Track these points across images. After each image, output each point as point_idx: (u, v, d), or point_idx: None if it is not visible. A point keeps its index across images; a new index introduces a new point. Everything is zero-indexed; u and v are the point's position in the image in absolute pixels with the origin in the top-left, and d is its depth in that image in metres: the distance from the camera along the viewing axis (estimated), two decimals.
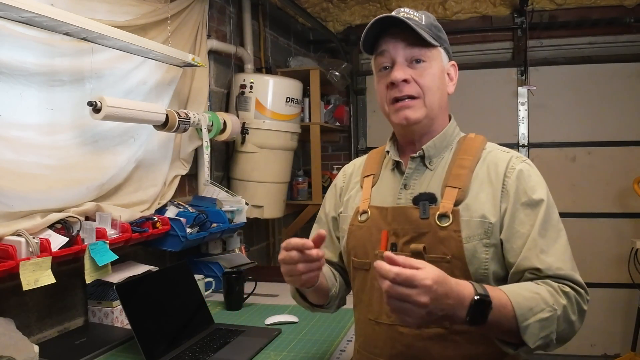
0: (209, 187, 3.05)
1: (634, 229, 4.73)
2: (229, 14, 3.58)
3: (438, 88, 1.53)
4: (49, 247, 1.88)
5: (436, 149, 1.56)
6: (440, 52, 1.54)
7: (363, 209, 1.60)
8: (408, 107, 1.50)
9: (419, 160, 1.56)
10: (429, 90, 1.50)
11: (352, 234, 1.62)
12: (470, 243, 1.41)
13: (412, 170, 1.56)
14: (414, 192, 1.52)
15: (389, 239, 1.49)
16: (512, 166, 1.48)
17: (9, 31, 1.88)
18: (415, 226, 1.46)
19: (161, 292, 2.21)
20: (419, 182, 1.54)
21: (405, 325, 1.37)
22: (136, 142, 2.52)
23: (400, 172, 1.59)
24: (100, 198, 2.30)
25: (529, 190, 1.43)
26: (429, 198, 1.47)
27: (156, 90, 2.64)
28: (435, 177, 1.52)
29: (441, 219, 1.43)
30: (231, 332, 2.23)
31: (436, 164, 1.55)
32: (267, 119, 3.48)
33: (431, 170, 1.54)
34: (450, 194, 1.45)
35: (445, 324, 1.39)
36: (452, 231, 1.41)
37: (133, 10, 2.49)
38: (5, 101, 1.90)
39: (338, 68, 4.49)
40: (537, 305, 1.27)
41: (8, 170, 1.88)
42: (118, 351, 2.06)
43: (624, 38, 4.73)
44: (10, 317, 1.84)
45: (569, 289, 1.34)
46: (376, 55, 1.55)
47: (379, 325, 1.52)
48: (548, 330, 1.28)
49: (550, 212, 1.43)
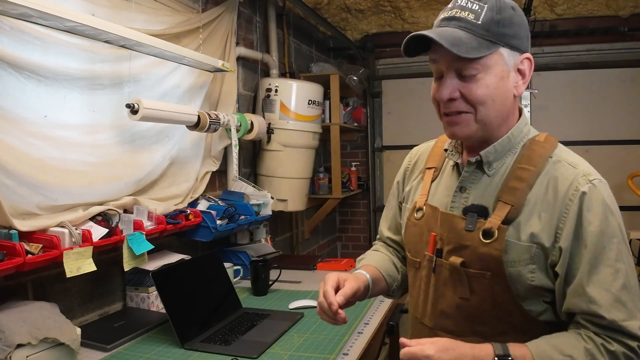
0: (237, 182, 3.02)
1: (629, 221, 4.67)
2: (256, 23, 3.54)
3: (495, 99, 1.23)
4: (90, 237, 1.86)
5: (497, 154, 1.30)
6: (502, 54, 1.22)
7: (420, 206, 1.42)
8: (456, 124, 1.26)
9: (476, 165, 1.32)
10: (481, 105, 1.22)
11: (408, 229, 1.48)
12: (515, 268, 1.20)
13: (469, 174, 1.33)
14: (468, 196, 1.31)
15: (436, 243, 1.35)
16: (576, 187, 1.20)
17: (54, 39, 1.87)
18: (459, 237, 1.28)
19: (193, 279, 2.19)
20: (475, 186, 1.31)
21: None
22: (170, 141, 2.50)
23: (459, 172, 1.37)
24: (137, 192, 2.29)
25: (585, 222, 1.17)
26: (479, 210, 1.26)
27: (189, 93, 2.62)
28: (492, 185, 1.28)
29: (485, 235, 1.23)
30: (257, 315, 2.21)
31: (496, 168, 1.30)
32: (290, 120, 3.44)
33: (489, 176, 1.30)
34: (501, 209, 1.23)
35: (486, 333, 1.25)
36: (494, 249, 1.21)
37: (168, 19, 2.47)
38: (51, 103, 1.89)
39: (356, 73, 4.45)
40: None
41: (53, 166, 1.88)
42: (154, 333, 2.04)
43: (619, 45, 4.75)
44: (54, 302, 1.82)
45: (616, 347, 1.12)
46: (430, 60, 1.28)
47: (423, 326, 1.40)
48: None
49: (606, 247, 1.17)
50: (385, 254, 1.65)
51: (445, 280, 1.31)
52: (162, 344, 1.94)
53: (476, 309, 1.26)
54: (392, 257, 1.65)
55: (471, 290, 1.26)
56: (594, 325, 1.14)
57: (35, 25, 1.76)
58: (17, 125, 1.75)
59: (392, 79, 5.30)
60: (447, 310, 1.32)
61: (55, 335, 1.62)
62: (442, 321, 1.33)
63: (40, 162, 1.83)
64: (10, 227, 1.66)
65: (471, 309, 1.27)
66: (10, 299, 1.74)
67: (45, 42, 1.83)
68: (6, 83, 1.72)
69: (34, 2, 1.58)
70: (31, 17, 1.68)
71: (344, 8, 4.77)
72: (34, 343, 1.55)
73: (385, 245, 1.71)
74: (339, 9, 4.78)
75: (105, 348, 1.87)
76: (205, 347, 1.89)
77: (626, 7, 4.50)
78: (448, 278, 1.30)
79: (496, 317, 1.25)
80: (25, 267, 1.63)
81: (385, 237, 1.69)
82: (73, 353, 1.68)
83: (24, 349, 1.53)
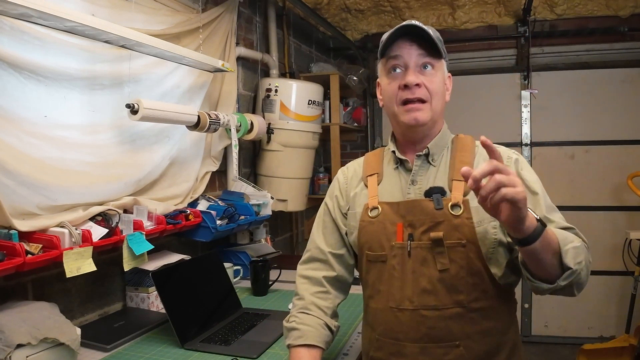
0: (237, 182, 3.02)
1: (628, 221, 4.70)
2: (256, 24, 3.54)
3: (440, 96, 1.54)
4: (90, 237, 1.86)
5: (437, 147, 1.58)
6: (443, 64, 1.57)
7: (373, 205, 1.57)
8: (418, 110, 1.50)
9: (424, 157, 1.57)
10: (435, 95, 1.51)
11: (364, 229, 1.57)
12: (482, 226, 1.45)
13: (418, 167, 1.57)
14: (422, 187, 1.54)
15: (404, 231, 1.50)
16: (509, 156, 1.54)
17: (54, 39, 1.87)
18: (432, 216, 1.47)
19: (193, 279, 2.19)
20: (425, 177, 1.56)
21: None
22: (170, 141, 2.50)
23: (405, 169, 1.59)
24: (137, 192, 2.29)
25: (525, 181, 1.48)
26: (440, 191, 1.49)
27: (189, 93, 2.62)
28: (440, 173, 1.55)
29: (453, 209, 1.46)
30: (257, 315, 2.22)
31: (438, 160, 1.57)
32: (290, 120, 3.44)
33: (434, 166, 1.56)
34: (458, 186, 1.48)
35: (464, 301, 1.45)
36: (465, 218, 1.45)
37: (168, 20, 2.47)
38: (51, 103, 1.89)
39: (356, 73, 4.44)
40: (569, 237, 1.34)
41: (53, 166, 1.88)
42: (154, 333, 2.04)
43: (618, 46, 4.73)
44: (54, 302, 1.81)
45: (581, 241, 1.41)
46: (388, 58, 1.53)
47: (402, 312, 1.48)
48: (580, 258, 1.31)
49: (543, 191, 1.50)
50: (318, 318, 1.61)
51: (422, 259, 1.47)
52: (162, 344, 1.94)
53: (455, 278, 1.44)
54: (324, 317, 1.62)
55: (450, 260, 1.45)
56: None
57: (35, 25, 1.76)
58: (17, 125, 1.75)
59: None
60: (429, 287, 1.46)
61: (55, 335, 1.62)
62: (424, 299, 1.46)
63: (40, 162, 1.82)
64: (10, 227, 1.66)
65: (451, 278, 1.45)
66: (10, 299, 1.74)
67: (45, 42, 1.83)
68: (6, 83, 1.71)
69: (34, 2, 1.58)
70: (31, 17, 1.68)
71: (344, 8, 4.77)
72: (34, 343, 1.55)
73: (318, 283, 1.68)
74: (339, 9, 4.79)
75: (105, 348, 1.87)
76: (205, 347, 1.89)
77: (626, 7, 4.50)
78: (426, 256, 1.47)
79: (471, 285, 1.45)
80: (25, 267, 1.63)
81: (325, 253, 1.70)
82: (73, 353, 1.68)
83: (23, 349, 1.53)
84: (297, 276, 1.73)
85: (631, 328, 4.13)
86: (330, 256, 1.69)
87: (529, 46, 4.70)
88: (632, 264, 4.19)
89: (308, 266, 1.72)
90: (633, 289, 4.16)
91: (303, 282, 1.70)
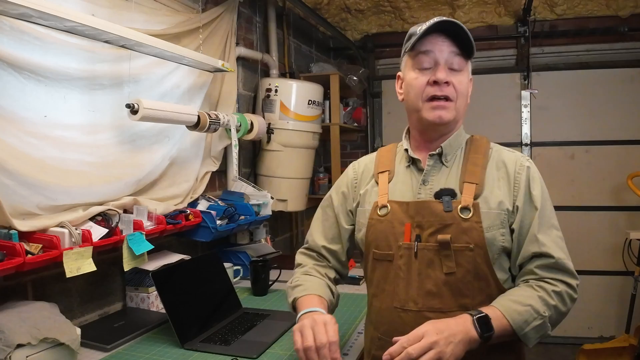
0: (237, 182, 3.03)
1: (628, 221, 4.71)
2: (256, 24, 3.54)
3: (466, 96, 1.55)
4: (90, 237, 1.86)
5: (451, 148, 1.56)
6: (469, 66, 1.56)
7: (382, 204, 1.56)
8: (444, 108, 1.49)
9: (437, 157, 1.56)
10: (461, 96, 1.52)
11: (372, 227, 1.57)
12: (491, 232, 1.44)
13: (431, 167, 1.55)
14: (432, 187, 1.52)
15: (412, 232, 1.49)
16: (521, 163, 1.53)
17: (54, 39, 1.86)
18: (440, 218, 1.46)
19: (193, 279, 2.19)
20: (436, 178, 1.54)
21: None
22: (170, 141, 2.49)
23: (417, 168, 1.58)
24: (137, 192, 2.28)
25: (530, 195, 1.49)
26: (450, 193, 1.48)
27: (189, 93, 2.61)
28: (452, 174, 1.53)
29: (463, 212, 1.45)
30: (257, 315, 2.21)
31: (451, 161, 1.56)
32: (290, 120, 3.44)
33: (447, 167, 1.55)
34: (469, 189, 1.47)
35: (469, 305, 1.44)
36: (474, 222, 1.44)
37: (168, 20, 2.47)
38: (51, 103, 1.89)
39: (356, 73, 4.44)
40: (530, 316, 1.37)
41: (53, 167, 1.87)
42: (154, 333, 2.04)
43: (618, 46, 4.75)
44: (54, 302, 1.82)
45: (561, 287, 1.41)
46: (418, 52, 1.51)
47: (406, 313, 1.48)
48: (542, 332, 1.39)
49: (546, 207, 1.49)
50: (320, 278, 1.68)
51: (429, 261, 1.47)
52: (162, 344, 1.93)
53: (461, 282, 1.44)
54: (325, 279, 1.70)
55: (457, 264, 1.44)
56: (542, 269, 1.43)
57: (35, 25, 1.75)
58: (17, 125, 1.75)
59: (392, 79, 5.26)
60: (434, 290, 1.46)
61: (55, 335, 1.61)
62: (429, 301, 1.46)
63: (40, 162, 1.82)
64: (10, 227, 1.66)
65: (457, 282, 1.44)
66: (10, 299, 1.74)
67: (45, 42, 1.83)
68: (6, 83, 1.71)
69: (34, 2, 1.58)
70: (31, 17, 1.68)
71: (344, 8, 4.77)
72: (34, 343, 1.55)
73: (316, 258, 1.76)
74: (339, 9, 4.79)
75: (105, 348, 1.87)
76: (205, 347, 1.89)
77: (626, 7, 4.51)
78: (433, 258, 1.46)
79: (477, 289, 1.45)
80: (25, 267, 1.63)
81: (319, 247, 1.75)
82: (73, 353, 1.68)
83: (23, 349, 1.53)
84: (297, 255, 1.82)
85: (631, 328, 4.14)
86: (325, 250, 1.74)
87: (529, 46, 4.71)
88: (632, 264, 4.19)
89: (307, 252, 1.81)
90: (633, 289, 4.17)
91: (303, 257, 1.79)
